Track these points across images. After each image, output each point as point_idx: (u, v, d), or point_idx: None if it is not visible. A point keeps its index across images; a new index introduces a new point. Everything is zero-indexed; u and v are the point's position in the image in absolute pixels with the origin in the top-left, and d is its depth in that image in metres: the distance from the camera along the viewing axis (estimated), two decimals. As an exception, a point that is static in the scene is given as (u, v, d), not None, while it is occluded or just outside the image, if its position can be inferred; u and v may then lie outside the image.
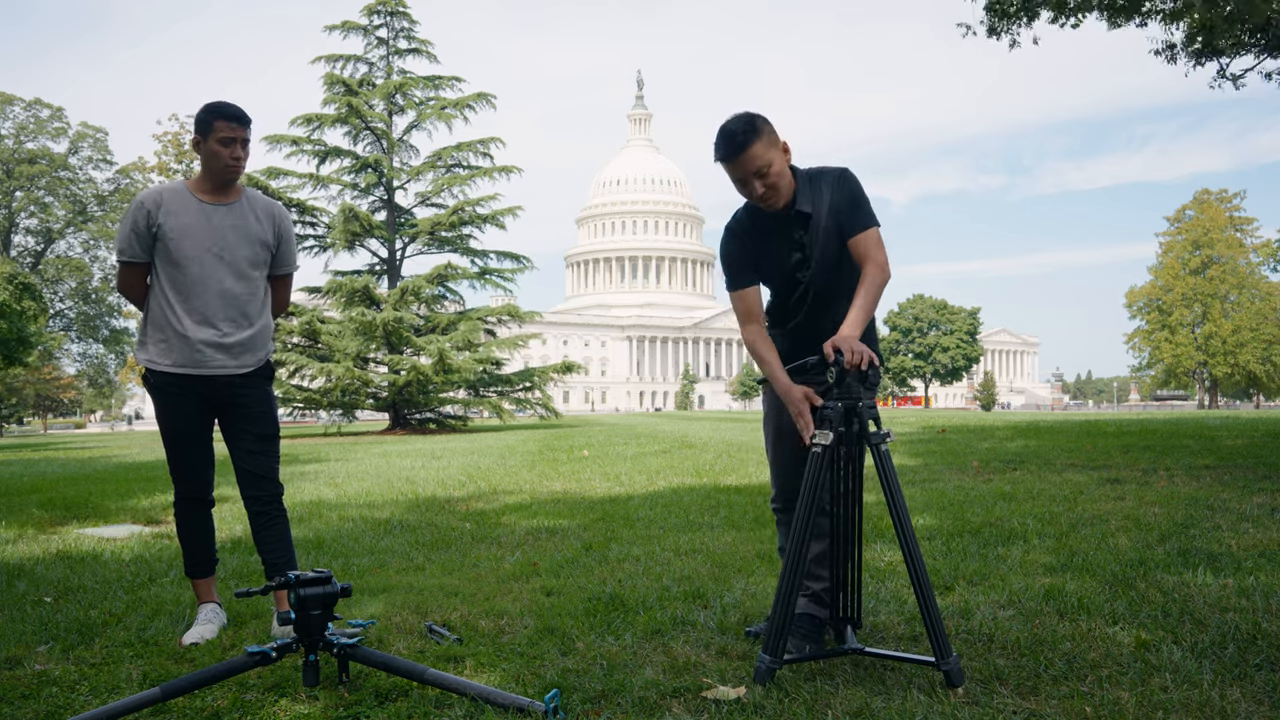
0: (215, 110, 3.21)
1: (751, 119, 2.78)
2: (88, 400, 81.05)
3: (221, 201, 3.28)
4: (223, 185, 3.28)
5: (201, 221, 3.24)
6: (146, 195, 3.26)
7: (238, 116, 3.22)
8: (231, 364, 3.30)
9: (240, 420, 3.35)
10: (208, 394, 3.30)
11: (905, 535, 2.59)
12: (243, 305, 3.31)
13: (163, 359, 3.27)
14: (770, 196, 2.81)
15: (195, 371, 3.26)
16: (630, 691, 2.48)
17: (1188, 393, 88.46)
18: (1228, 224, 67.35)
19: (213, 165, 3.23)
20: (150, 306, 3.31)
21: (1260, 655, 2.62)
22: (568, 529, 5.60)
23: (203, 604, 3.41)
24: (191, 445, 3.35)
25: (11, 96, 54.52)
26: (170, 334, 3.25)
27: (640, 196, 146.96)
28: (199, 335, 3.24)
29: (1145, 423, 16.44)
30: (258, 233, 3.33)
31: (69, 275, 56.14)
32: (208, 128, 3.20)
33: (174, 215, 3.21)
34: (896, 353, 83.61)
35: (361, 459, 13.35)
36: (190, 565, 3.44)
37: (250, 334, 3.34)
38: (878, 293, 2.75)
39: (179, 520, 3.45)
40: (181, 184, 3.30)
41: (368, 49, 30.47)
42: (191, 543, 3.43)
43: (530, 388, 30.25)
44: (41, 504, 7.70)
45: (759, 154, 2.75)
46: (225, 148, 3.20)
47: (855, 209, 2.83)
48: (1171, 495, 6.02)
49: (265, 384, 3.43)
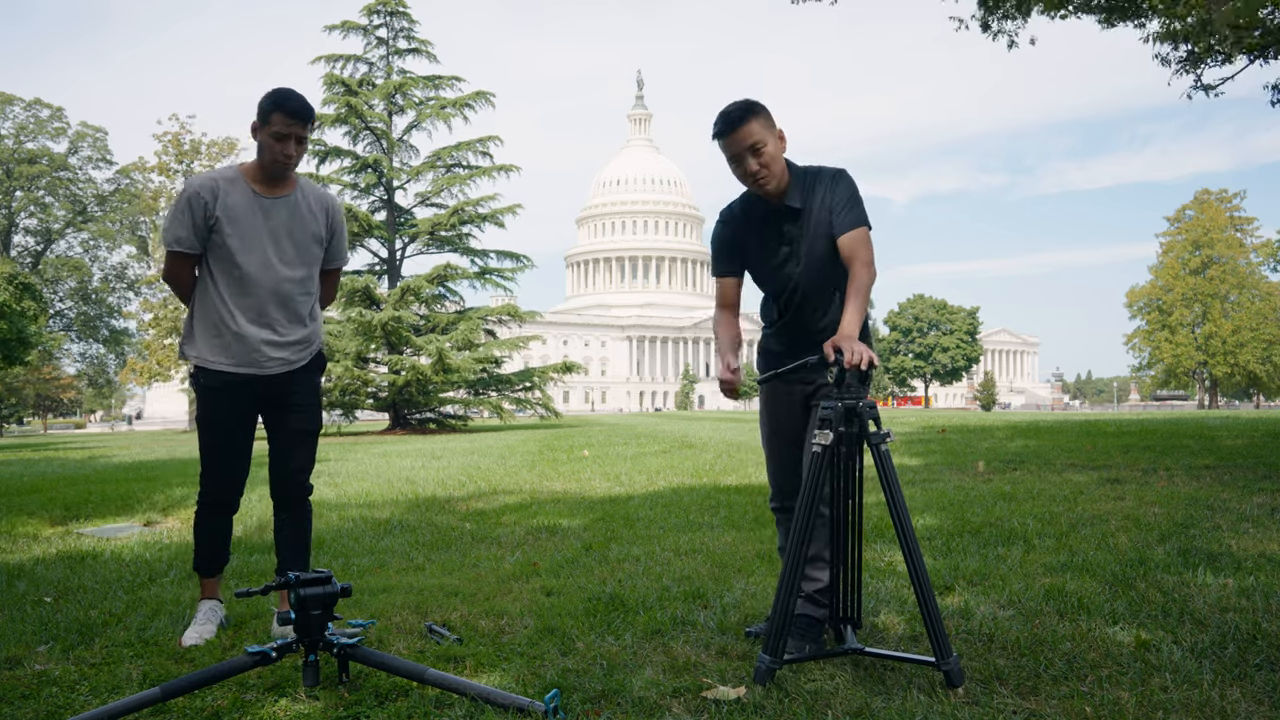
0: (277, 102, 3.04)
1: (751, 102, 2.87)
2: (87, 400, 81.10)
3: (277, 194, 3.14)
4: (274, 176, 3.14)
5: (258, 216, 3.10)
6: (202, 185, 3.08)
7: (298, 113, 3.05)
8: (292, 358, 3.22)
9: (288, 412, 3.25)
10: (261, 391, 3.21)
11: (905, 535, 2.59)
12: (299, 303, 3.21)
13: (218, 358, 3.14)
14: (763, 176, 2.84)
15: (254, 372, 3.16)
16: (630, 691, 2.48)
17: (1188, 393, 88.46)
18: (1228, 224, 67.36)
19: (263, 159, 3.09)
20: (201, 301, 3.17)
21: (1260, 655, 2.62)
22: (568, 529, 5.60)
23: (204, 599, 3.35)
24: (235, 447, 3.24)
25: (11, 96, 54.54)
26: (225, 333, 3.12)
27: (640, 196, 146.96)
28: (257, 335, 3.13)
29: (1145, 423, 16.44)
30: (312, 227, 3.21)
31: (69, 275, 56.16)
32: (266, 118, 3.05)
33: (231, 208, 3.07)
34: (896, 353, 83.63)
35: (361, 459, 13.35)
36: (201, 563, 3.36)
37: (307, 332, 3.26)
38: (868, 292, 2.78)
39: (200, 522, 3.34)
40: (235, 171, 3.14)
41: (367, 49, 30.51)
42: (208, 544, 3.34)
43: (530, 388, 30.27)
44: (41, 504, 7.70)
45: (754, 130, 2.81)
46: (278, 143, 3.05)
47: (848, 207, 2.84)
48: (1171, 495, 6.02)
49: (317, 376, 3.33)
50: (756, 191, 2.91)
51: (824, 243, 2.88)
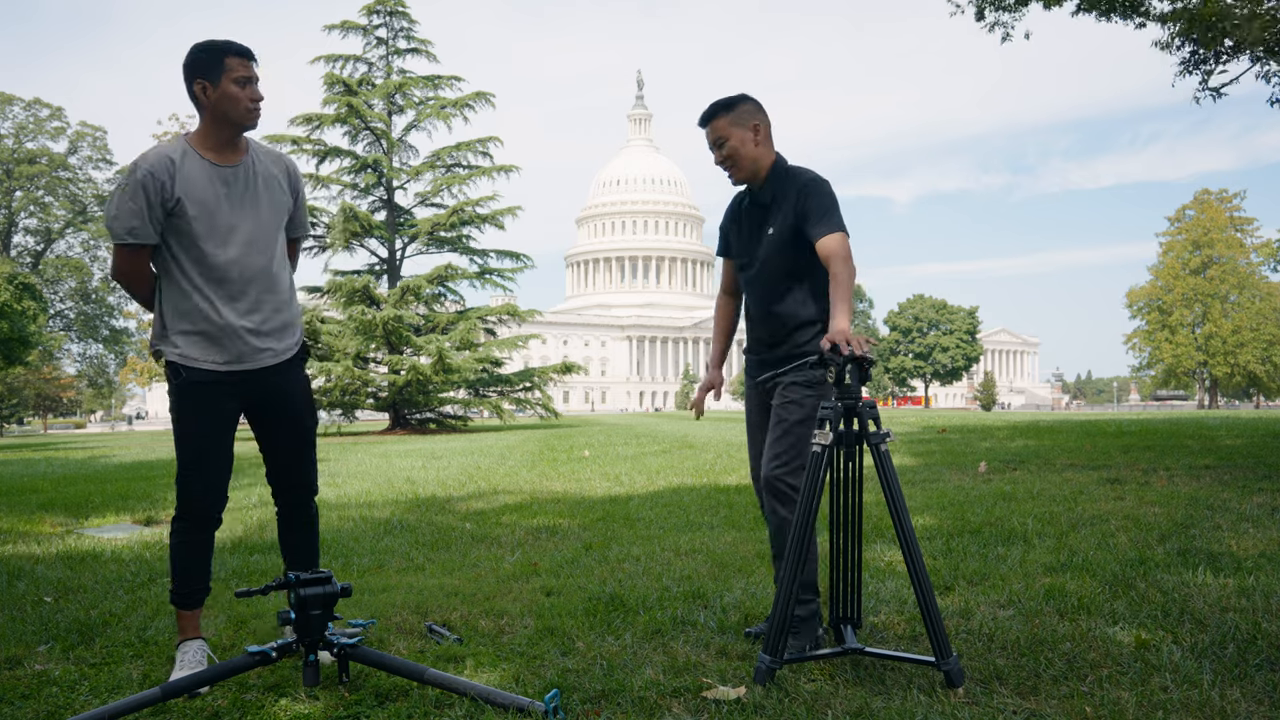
0: (223, 48, 2.74)
1: (734, 99, 3.03)
2: (87, 400, 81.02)
3: (232, 161, 2.81)
4: (233, 139, 2.81)
5: (219, 187, 2.77)
6: (154, 163, 2.70)
7: (247, 51, 2.77)
8: (278, 348, 2.90)
9: (281, 412, 2.95)
10: (247, 390, 2.87)
11: (905, 535, 2.59)
12: (275, 280, 2.88)
13: (201, 354, 2.79)
14: (727, 168, 3.06)
15: (241, 367, 2.83)
16: (630, 691, 2.48)
17: (1188, 393, 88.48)
18: (1228, 224, 67.36)
19: (231, 112, 2.74)
20: (170, 293, 2.81)
21: (1260, 655, 2.63)
22: (568, 529, 5.60)
23: (186, 640, 2.87)
24: (218, 453, 2.86)
25: (11, 96, 54.47)
26: (208, 326, 2.78)
27: (640, 196, 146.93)
28: (241, 322, 2.80)
29: (1145, 423, 16.43)
30: (277, 193, 2.90)
31: (69, 275, 56.12)
32: (217, 69, 2.72)
33: (191, 185, 2.72)
34: (896, 353, 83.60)
35: (361, 459, 13.35)
36: (180, 594, 2.89)
37: (289, 314, 2.95)
38: (851, 288, 2.84)
39: (178, 541, 2.89)
40: (183, 144, 2.78)
41: (367, 49, 30.48)
42: (188, 568, 2.89)
43: (530, 388, 30.26)
44: (41, 504, 7.70)
45: (720, 127, 3.01)
46: (243, 89, 2.74)
47: (823, 215, 2.91)
48: (1171, 495, 6.02)
49: (303, 368, 3.02)
50: (731, 182, 3.14)
51: (787, 239, 2.98)
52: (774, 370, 3.02)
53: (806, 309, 2.99)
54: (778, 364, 3.01)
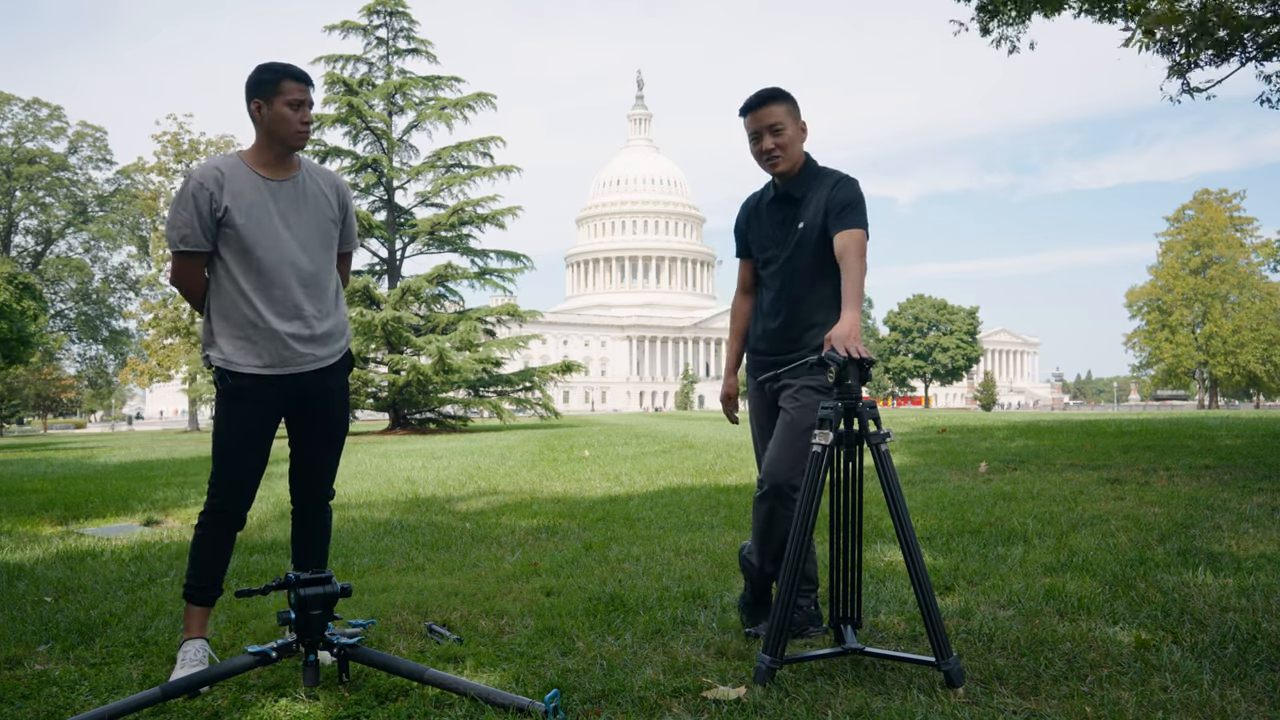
0: (281, 70, 2.89)
1: (783, 90, 3.03)
2: (87, 401, 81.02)
3: (283, 176, 2.95)
4: (284, 156, 2.95)
5: (268, 200, 2.90)
6: (204, 175, 2.86)
7: (304, 76, 2.91)
8: (320, 354, 3.00)
9: (318, 416, 3.05)
10: (291, 393, 2.98)
11: (905, 535, 2.59)
12: (323, 290, 3.00)
13: (247, 360, 2.90)
14: (777, 155, 3.00)
15: (285, 371, 2.94)
16: (630, 691, 2.48)
17: (1188, 393, 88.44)
18: (1228, 224, 67.30)
19: (281, 132, 2.89)
20: (219, 300, 2.93)
21: (1260, 655, 2.63)
22: (568, 529, 5.60)
23: (191, 639, 2.92)
24: (256, 454, 2.97)
25: (10, 96, 54.42)
26: (252, 331, 2.90)
27: (640, 196, 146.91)
28: (286, 329, 2.91)
29: (1145, 423, 16.43)
30: (325, 208, 3.03)
31: (69, 275, 56.10)
32: (272, 89, 2.86)
33: (239, 196, 2.86)
34: (896, 353, 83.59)
35: (361, 459, 13.35)
36: (195, 589, 2.96)
37: (335, 321, 3.05)
38: (862, 288, 2.83)
39: (202, 536, 2.98)
40: (235, 158, 2.94)
41: (367, 49, 30.51)
42: (207, 564, 2.97)
43: (530, 388, 30.27)
44: (41, 504, 7.70)
45: (776, 112, 2.99)
46: (295, 111, 2.88)
47: (847, 210, 2.92)
48: (1171, 495, 6.02)
49: (346, 375, 3.14)
50: (768, 170, 3.07)
51: (816, 239, 2.98)
52: (775, 370, 3.02)
53: (822, 311, 3.00)
54: (786, 363, 3.00)
